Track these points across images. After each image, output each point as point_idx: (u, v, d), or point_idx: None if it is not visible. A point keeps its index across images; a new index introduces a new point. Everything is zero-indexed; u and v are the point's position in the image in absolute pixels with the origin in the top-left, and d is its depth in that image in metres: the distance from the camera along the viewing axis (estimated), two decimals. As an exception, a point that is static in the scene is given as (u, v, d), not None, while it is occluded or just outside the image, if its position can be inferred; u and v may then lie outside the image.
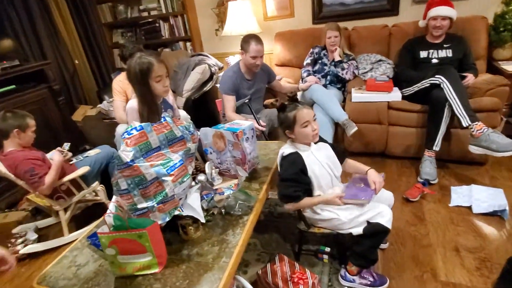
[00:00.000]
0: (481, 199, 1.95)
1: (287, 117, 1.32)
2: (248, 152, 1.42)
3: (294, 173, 1.35)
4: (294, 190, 1.35)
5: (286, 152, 1.37)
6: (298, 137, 1.36)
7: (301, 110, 1.30)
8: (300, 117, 1.30)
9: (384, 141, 2.56)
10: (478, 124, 2.00)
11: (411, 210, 2.01)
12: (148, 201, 1.12)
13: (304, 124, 1.32)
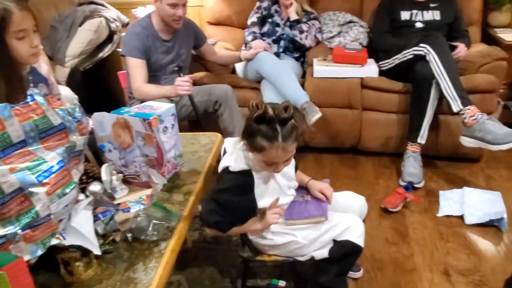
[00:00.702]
0: (475, 206, 2.14)
1: (254, 138, 1.24)
2: (167, 149, 1.37)
3: (232, 204, 1.34)
4: (218, 221, 1.36)
5: (234, 166, 1.34)
6: (256, 161, 1.33)
7: (275, 149, 1.23)
8: (269, 155, 1.26)
9: (356, 132, 2.68)
10: (471, 109, 2.19)
11: (391, 224, 2.13)
12: (7, 226, 1.02)
13: (269, 163, 1.30)
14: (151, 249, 1.17)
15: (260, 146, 1.23)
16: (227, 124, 2.37)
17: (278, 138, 1.21)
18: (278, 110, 1.21)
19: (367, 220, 2.08)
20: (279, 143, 1.22)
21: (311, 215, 1.47)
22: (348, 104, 2.60)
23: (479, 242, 1.97)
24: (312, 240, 1.46)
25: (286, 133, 1.22)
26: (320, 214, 1.47)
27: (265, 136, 1.21)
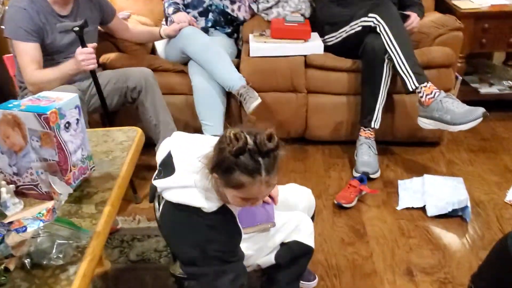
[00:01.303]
0: (437, 195, 2.25)
1: (231, 174, 1.17)
2: (72, 150, 1.31)
3: (228, 250, 1.29)
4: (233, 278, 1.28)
5: (208, 207, 1.25)
6: (230, 198, 1.25)
7: (259, 185, 1.17)
8: (249, 192, 1.19)
9: (302, 119, 2.72)
10: (427, 86, 2.29)
11: (346, 222, 2.19)
12: None
13: (246, 199, 1.24)
14: (57, 276, 1.12)
15: (239, 182, 1.17)
16: (149, 116, 2.32)
17: (261, 172, 1.15)
18: (261, 140, 1.14)
19: (319, 220, 2.15)
20: (262, 178, 1.15)
21: (255, 222, 1.47)
22: (291, 87, 2.64)
23: (443, 236, 2.08)
24: (258, 250, 1.47)
25: (270, 165, 1.16)
26: (266, 220, 1.47)
27: (245, 170, 1.15)
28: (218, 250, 1.26)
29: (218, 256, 1.26)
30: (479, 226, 2.12)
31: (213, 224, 1.25)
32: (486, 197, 2.31)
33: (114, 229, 2.14)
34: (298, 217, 1.52)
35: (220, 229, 1.26)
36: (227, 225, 1.28)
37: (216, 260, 1.26)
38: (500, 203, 2.27)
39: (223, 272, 1.27)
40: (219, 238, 1.26)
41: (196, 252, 1.27)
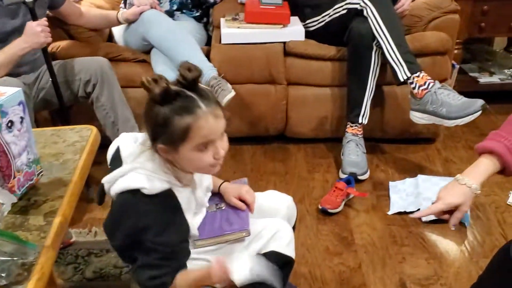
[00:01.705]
0: (432, 197, 2.25)
1: (170, 124, 1.19)
2: (16, 153, 1.30)
3: (167, 242, 1.28)
4: (156, 276, 1.28)
5: (150, 188, 1.27)
6: (182, 164, 1.28)
7: (204, 118, 1.20)
8: (199, 132, 1.20)
9: (282, 114, 2.73)
10: (420, 76, 2.32)
11: (332, 230, 2.20)
12: None
13: (204, 144, 1.25)
14: (-2, 299, 1.10)
15: (183, 128, 1.19)
16: (106, 113, 2.29)
17: (199, 104, 1.19)
18: (181, 73, 1.19)
19: (302, 228, 2.16)
20: (203, 110, 1.19)
21: (228, 230, 1.46)
22: (268, 78, 2.64)
23: (439, 243, 2.11)
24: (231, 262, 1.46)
25: (204, 96, 1.20)
26: (240, 228, 1.46)
27: (182, 111, 1.18)
28: (153, 241, 1.25)
29: (152, 247, 1.25)
30: (479, 232, 2.16)
31: (150, 208, 1.25)
32: (486, 199, 2.35)
33: (67, 243, 2.11)
34: (275, 224, 1.51)
35: (158, 216, 1.25)
36: (166, 212, 1.27)
37: (149, 251, 1.26)
38: (502, 205, 2.32)
39: (149, 266, 1.27)
40: (156, 227, 1.25)
41: (128, 240, 1.28)
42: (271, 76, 2.63)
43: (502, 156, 1.35)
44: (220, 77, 2.44)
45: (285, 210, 1.62)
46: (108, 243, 2.08)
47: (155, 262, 1.27)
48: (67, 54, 2.49)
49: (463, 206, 1.39)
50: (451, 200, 1.41)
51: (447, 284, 1.90)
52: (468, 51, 3.49)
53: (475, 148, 1.45)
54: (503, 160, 1.36)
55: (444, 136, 2.83)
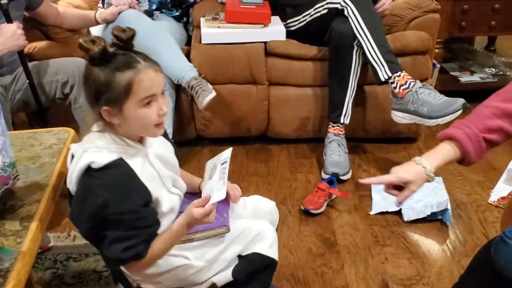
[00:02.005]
0: (414, 197, 2.27)
1: (112, 82, 1.23)
2: (-10, 157, 1.28)
3: (129, 208, 1.28)
4: (128, 246, 1.29)
5: (99, 160, 1.28)
6: (129, 125, 1.30)
7: (145, 71, 1.24)
8: (141, 86, 1.24)
9: (264, 115, 2.74)
10: (401, 76, 2.34)
11: (314, 231, 2.21)
12: None
13: (147, 100, 1.27)
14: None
15: (125, 84, 1.23)
16: (84, 115, 2.28)
17: (139, 59, 1.24)
18: (115, 34, 1.24)
19: (284, 229, 2.17)
20: (143, 64, 1.24)
21: (207, 226, 1.45)
22: (250, 79, 2.65)
23: (422, 242, 2.13)
24: (211, 260, 1.46)
25: (141, 54, 1.27)
26: (220, 224, 1.47)
27: (122, 67, 1.23)
28: (116, 213, 1.26)
29: (117, 219, 1.27)
30: (461, 231, 2.19)
31: (104, 182, 1.26)
32: (468, 198, 2.39)
33: (45, 247, 2.09)
34: (258, 225, 1.52)
35: (114, 187, 1.26)
36: (120, 180, 1.28)
37: (116, 224, 1.28)
38: (484, 204, 2.35)
39: (118, 239, 1.28)
40: (114, 198, 1.26)
41: (93, 221, 1.28)
42: (252, 76, 2.64)
43: (461, 142, 1.37)
44: (200, 78, 2.44)
45: (268, 216, 1.63)
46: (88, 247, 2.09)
47: (124, 234, 1.28)
48: (44, 55, 2.47)
49: (412, 185, 1.40)
50: (402, 175, 1.41)
51: (429, 284, 1.93)
52: (449, 50, 3.53)
53: (438, 136, 1.46)
54: (462, 147, 1.38)
55: (425, 136, 2.86)
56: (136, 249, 1.29)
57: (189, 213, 1.33)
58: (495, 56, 3.60)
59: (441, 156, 1.41)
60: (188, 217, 1.34)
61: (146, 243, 1.31)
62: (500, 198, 2.34)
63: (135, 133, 1.33)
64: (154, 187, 1.35)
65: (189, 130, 2.76)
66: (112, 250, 1.29)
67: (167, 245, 1.37)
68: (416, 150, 2.74)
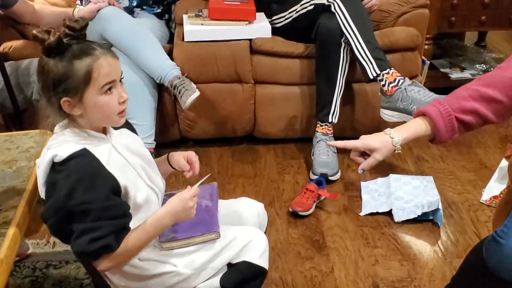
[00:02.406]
0: (404, 197, 2.31)
1: (70, 71, 1.24)
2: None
3: (95, 198, 1.27)
4: (95, 237, 1.28)
5: (62, 152, 1.28)
6: (90, 114, 1.30)
7: (103, 57, 1.27)
8: (101, 72, 1.26)
9: (250, 114, 2.74)
10: (390, 73, 2.35)
11: (303, 233, 2.21)
12: None
13: (108, 86, 1.28)
14: None
15: (84, 70, 1.24)
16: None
17: (94, 47, 1.27)
18: (69, 27, 1.25)
19: (272, 232, 2.17)
20: (100, 51, 1.27)
21: (196, 232, 1.46)
22: (235, 77, 2.64)
23: (413, 244, 2.14)
24: (200, 268, 1.45)
25: (96, 42, 1.30)
26: (210, 230, 1.46)
27: (79, 55, 1.25)
28: (80, 203, 1.25)
29: (83, 210, 1.26)
30: (452, 231, 2.20)
31: (67, 174, 1.26)
32: (459, 197, 2.40)
33: (24, 254, 2.07)
34: (248, 232, 1.52)
35: (78, 177, 1.26)
36: (84, 170, 1.27)
37: (82, 216, 1.27)
38: (475, 203, 2.36)
39: (85, 230, 1.27)
40: (78, 188, 1.25)
41: (59, 215, 1.28)
42: (237, 75, 2.63)
43: (433, 119, 1.40)
44: (183, 77, 2.43)
45: (256, 218, 1.63)
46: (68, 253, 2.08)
47: (91, 225, 1.27)
48: (20, 55, 2.45)
49: (377, 153, 1.45)
50: (368, 142, 1.47)
51: (420, 286, 1.93)
52: (439, 46, 3.55)
53: (413, 113, 1.51)
54: (434, 123, 1.41)
55: (416, 134, 2.87)
56: (104, 241, 1.27)
57: (172, 200, 1.35)
58: (485, 52, 3.63)
59: (411, 129, 1.46)
60: (170, 205, 1.36)
61: (116, 235, 1.30)
62: (492, 197, 2.35)
63: (97, 123, 1.33)
64: (124, 176, 1.34)
65: (173, 131, 2.75)
66: (79, 243, 1.28)
67: (144, 239, 1.36)
68: (406, 150, 2.75)
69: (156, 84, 2.52)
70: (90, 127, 1.32)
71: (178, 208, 1.36)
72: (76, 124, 1.32)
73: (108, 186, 1.29)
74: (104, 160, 1.30)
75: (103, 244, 1.27)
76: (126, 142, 1.42)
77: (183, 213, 1.37)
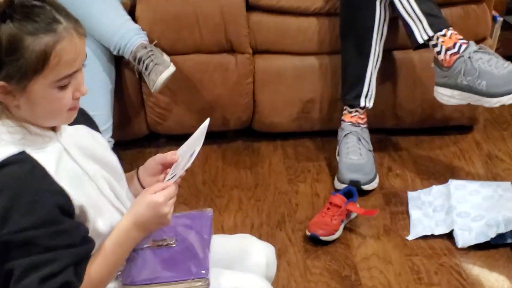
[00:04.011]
0: (472, 212, 2.29)
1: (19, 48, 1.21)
2: None
3: (39, 223, 1.26)
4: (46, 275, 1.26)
5: None
6: (33, 108, 1.29)
7: (69, 37, 1.24)
8: (62, 59, 1.24)
9: (247, 99, 2.72)
10: (448, 35, 2.32)
11: (327, 267, 2.18)
12: None
13: (66, 80, 1.27)
14: None
15: (38, 53, 1.21)
16: None
17: (58, 17, 1.23)
18: None
19: (283, 265, 2.14)
20: (65, 25, 1.23)
21: (176, 275, 1.45)
22: (225, 45, 2.63)
23: (484, 279, 2.11)
24: None
25: (58, 6, 1.25)
26: (195, 275, 1.45)
27: (39, 28, 1.21)
28: (22, 230, 1.23)
29: (25, 240, 1.24)
30: (540, 260, 2.18)
31: (0, 186, 1.24)
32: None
33: None
34: (251, 283, 1.52)
35: (14, 192, 1.24)
36: (25, 181, 1.26)
37: (24, 247, 1.24)
38: None
39: (33, 266, 1.24)
40: (15, 209, 1.23)
41: None
42: (228, 42, 2.61)
43: None
44: (151, 46, 2.41)
45: (263, 269, 1.63)
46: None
47: (39, 258, 1.24)
48: None
49: None
50: None
51: None
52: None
53: None
54: None
55: (485, 122, 2.85)
56: (62, 278, 1.25)
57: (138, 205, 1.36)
58: None
59: None
60: (136, 213, 1.36)
61: (75, 268, 1.29)
62: None
63: (39, 120, 1.32)
64: (80, 191, 1.33)
65: (137, 124, 2.74)
66: (25, 286, 1.25)
67: (112, 263, 1.36)
68: (473, 144, 2.73)
69: (113, 57, 2.51)
70: (30, 121, 1.32)
71: (147, 216, 1.36)
72: (9, 114, 1.30)
73: (57, 204, 1.27)
74: (51, 168, 1.29)
75: (60, 283, 1.25)
76: (84, 143, 1.41)
77: (155, 224, 1.39)
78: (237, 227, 2.33)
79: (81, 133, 1.43)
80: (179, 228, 1.57)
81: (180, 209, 2.33)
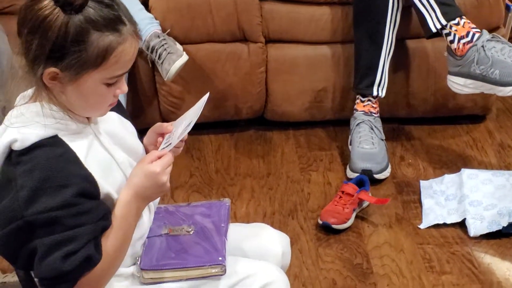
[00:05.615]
0: (484, 201, 2.29)
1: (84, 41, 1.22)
2: None
3: (65, 203, 1.26)
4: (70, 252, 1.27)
5: (23, 138, 1.26)
6: (78, 98, 1.30)
7: (130, 40, 1.27)
8: (121, 60, 1.27)
9: (259, 88, 2.73)
10: (461, 24, 2.32)
11: (339, 255, 2.19)
12: None
13: (117, 78, 1.30)
14: None
15: (101, 49, 1.24)
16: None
17: (124, 20, 1.26)
18: None
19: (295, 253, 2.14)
20: (128, 27, 1.26)
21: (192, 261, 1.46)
22: (238, 34, 2.63)
23: (496, 267, 2.11)
24: None
25: (120, 6, 1.27)
26: (211, 261, 1.46)
27: (104, 25, 1.23)
28: (48, 209, 1.24)
29: (50, 219, 1.25)
30: (552, 249, 2.18)
31: (30, 167, 1.25)
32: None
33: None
34: (267, 272, 1.52)
35: (45, 173, 1.26)
36: (55, 163, 1.27)
37: (50, 227, 1.26)
38: None
39: (56, 244, 1.25)
40: (43, 189, 1.25)
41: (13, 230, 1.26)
42: (241, 31, 2.62)
43: None
44: (164, 35, 2.42)
45: (279, 258, 1.64)
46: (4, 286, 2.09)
47: (63, 236, 1.26)
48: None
49: None
50: None
51: (508, 327, 1.92)
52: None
53: None
54: None
55: (497, 112, 2.84)
56: (84, 253, 1.26)
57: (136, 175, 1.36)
58: None
59: None
60: (134, 184, 1.36)
61: (95, 241, 1.30)
62: None
63: (80, 110, 1.33)
64: (108, 178, 1.35)
65: (150, 113, 2.76)
66: (49, 264, 1.25)
67: (121, 236, 1.36)
68: (485, 134, 2.73)
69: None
70: (69, 108, 1.32)
71: (146, 187, 1.37)
72: (53, 99, 1.31)
73: (84, 185, 1.29)
74: (82, 154, 1.31)
75: (82, 257, 1.26)
76: (115, 130, 1.43)
77: (155, 193, 1.40)
78: (250, 215, 2.34)
79: (112, 120, 1.45)
80: (196, 217, 1.58)
81: (193, 197, 2.37)
